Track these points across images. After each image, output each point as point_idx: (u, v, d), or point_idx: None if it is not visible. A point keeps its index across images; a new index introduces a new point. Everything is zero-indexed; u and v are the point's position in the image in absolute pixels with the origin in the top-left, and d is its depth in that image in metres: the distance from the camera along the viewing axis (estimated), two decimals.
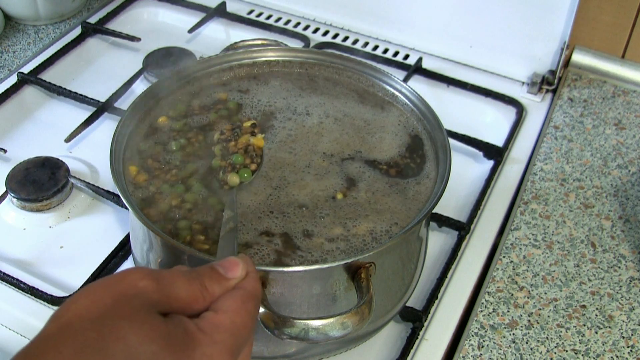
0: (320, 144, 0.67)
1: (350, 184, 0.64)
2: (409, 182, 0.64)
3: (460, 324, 0.68)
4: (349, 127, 0.70)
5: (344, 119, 0.70)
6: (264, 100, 0.72)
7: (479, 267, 0.73)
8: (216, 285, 0.43)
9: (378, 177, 0.65)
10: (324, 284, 0.55)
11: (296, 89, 0.74)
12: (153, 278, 0.40)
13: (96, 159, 0.84)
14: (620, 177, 0.83)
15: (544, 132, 0.90)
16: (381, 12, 1.02)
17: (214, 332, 0.40)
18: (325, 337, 0.50)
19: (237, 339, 0.41)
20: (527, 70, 0.97)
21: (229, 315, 0.41)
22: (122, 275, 0.40)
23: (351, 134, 0.69)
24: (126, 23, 1.06)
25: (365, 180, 0.64)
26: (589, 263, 0.74)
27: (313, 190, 0.63)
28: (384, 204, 0.62)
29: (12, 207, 0.77)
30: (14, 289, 0.68)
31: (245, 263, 0.45)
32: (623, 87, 0.97)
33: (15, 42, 1.02)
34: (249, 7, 1.10)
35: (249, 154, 0.64)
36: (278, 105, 0.72)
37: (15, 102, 0.91)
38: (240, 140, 0.65)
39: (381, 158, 0.67)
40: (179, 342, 0.39)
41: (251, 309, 0.43)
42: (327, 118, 0.70)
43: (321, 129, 0.69)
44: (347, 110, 0.71)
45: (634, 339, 0.67)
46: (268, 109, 0.71)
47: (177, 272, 0.42)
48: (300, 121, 0.70)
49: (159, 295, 0.40)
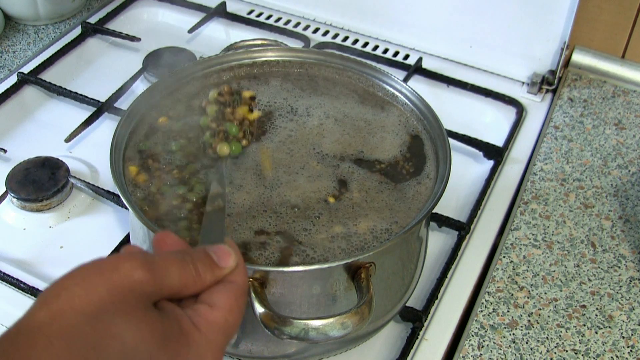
0: (320, 144, 0.67)
1: (351, 182, 0.64)
2: (409, 182, 0.64)
3: (460, 324, 0.68)
4: (349, 127, 0.70)
5: (344, 119, 0.70)
6: (264, 101, 0.72)
7: (479, 267, 0.73)
8: (209, 273, 0.43)
9: (378, 177, 0.65)
10: (324, 284, 0.55)
11: (296, 89, 0.74)
12: (148, 269, 0.39)
13: (96, 159, 0.84)
14: (620, 177, 0.83)
15: (544, 132, 0.90)
16: (381, 12, 1.02)
17: (209, 330, 0.40)
18: (325, 337, 0.50)
19: (228, 338, 0.41)
20: (527, 70, 0.97)
21: (223, 313, 0.41)
22: (115, 263, 0.39)
23: (351, 134, 0.69)
24: (126, 23, 1.06)
25: (366, 179, 0.64)
26: (589, 263, 0.74)
27: (310, 191, 0.63)
28: (382, 202, 0.62)
29: (12, 207, 0.77)
30: (14, 289, 0.68)
31: (236, 254, 0.45)
32: (623, 87, 0.97)
33: (15, 42, 1.02)
34: (249, 7, 1.10)
35: (242, 127, 0.63)
36: (278, 106, 0.72)
37: (15, 102, 0.91)
38: (238, 110, 0.63)
39: (381, 158, 0.67)
40: (174, 341, 0.39)
41: (242, 306, 0.43)
42: (327, 118, 0.70)
43: (321, 130, 0.69)
44: (347, 110, 0.71)
45: (634, 339, 0.67)
46: (268, 108, 0.71)
47: (171, 257, 0.42)
48: (300, 122, 0.70)
49: (154, 287, 0.40)
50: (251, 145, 0.66)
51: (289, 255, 0.57)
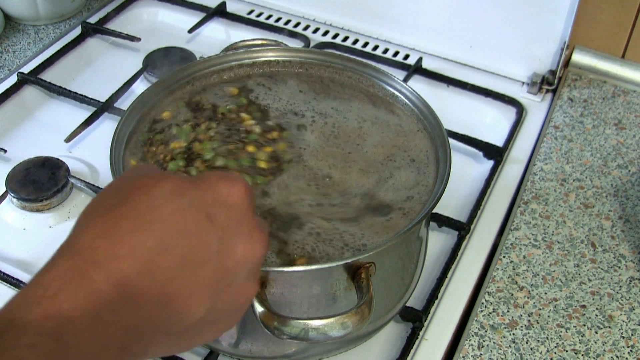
0: (320, 145, 0.67)
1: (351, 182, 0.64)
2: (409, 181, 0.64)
3: (460, 324, 0.68)
4: (346, 127, 0.70)
5: (343, 119, 0.70)
6: (263, 100, 0.72)
7: (479, 267, 0.73)
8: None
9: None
10: (324, 284, 0.55)
11: (296, 89, 0.74)
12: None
13: (96, 159, 0.84)
14: (620, 177, 0.83)
15: (544, 132, 0.90)
16: (381, 12, 1.02)
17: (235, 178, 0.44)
18: (325, 337, 0.50)
19: (251, 196, 0.44)
20: (527, 70, 0.97)
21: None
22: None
23: (351, 134, 0.69)
24: (126, 23, 1.06)
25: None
26: (589, 263, 0.74)
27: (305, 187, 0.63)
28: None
29: (12, 207, 0.77)
30: (14, 289, 0.68)
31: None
32: (623, 87, 0.97)
33: (15, 42, 1.02)
34: (249, 7, 1.10)
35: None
36: (277, 105, 0.72)
37: (15, 102, 0.91)
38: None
39: (381, 158, 0.67)
40: (204, 179, 0.43)
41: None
42: (327, 118, 0.70)
43: (321, 130, 0.69)
44: (345, 110, 0.71)
45: (634, 339, 0.67)
46: (267, 108, 0.71)
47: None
48: (301, 122, 0.70)
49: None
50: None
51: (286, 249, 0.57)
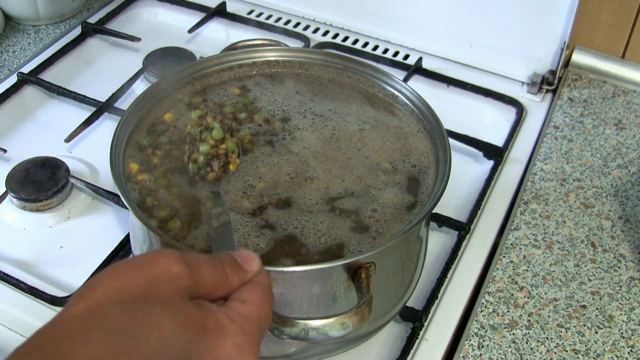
0: (319, 145, 0.67)
1: (352, 181, 0.64)
2: (409, 182, 0.64)
3: (460, 324, 0.68)
4: (346, 127, 0.70)
5: (344, 119, 0.70)
6: (263, 101, 0.72)
7: (479, 267, 0.73)
8: (236, 276, 0.44)
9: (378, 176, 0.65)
10: (324, 284, 0.55)
11: (296, 89, 0.74)
12: (185, 264, 0.40)
13: (96, 159, 0.84)
14: (620, 177, 0.83)
15: (544, 132, 0.90)
16: (381, 12, 1.02)
17: (245, 322, 0.41)
18: (325, 337, 0.50)
19: (262, 331, 0.42)
20: (527, 70, 0.97)
21: (255, 307, 0.42)
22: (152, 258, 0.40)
23: (350, 134, 0.69)
24: (126, 23, 1.06)
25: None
26: (589, 263, 0.74)
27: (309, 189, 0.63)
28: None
29: (12, 207, 0.77)
30: (14, 289, 0.68)
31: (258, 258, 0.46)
32: (623, 87, 0.97)
33: (15, 42, 1.02)
34: (249, 7, 1.10)
35: (210, 158, 0.63)
36: (277, 105, 0.72)
37: (15, 102, 0.91)
38: (202, 146, 0.64)
39: (381, 157, 0.67)
40: (212, 331, 0.39)
41: (271, 302, 0.45)
42: (326, 119, 0.70)
43: (320, 130, 0.69)
44: (345, 110, 0.71)
45: (634, 339, 0.67)
46: (267, 108, 0.71)
47: (203, 257, 0.43)
48: (301, 122, 0.70)
49: (190, 282, 0.40)
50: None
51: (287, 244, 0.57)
